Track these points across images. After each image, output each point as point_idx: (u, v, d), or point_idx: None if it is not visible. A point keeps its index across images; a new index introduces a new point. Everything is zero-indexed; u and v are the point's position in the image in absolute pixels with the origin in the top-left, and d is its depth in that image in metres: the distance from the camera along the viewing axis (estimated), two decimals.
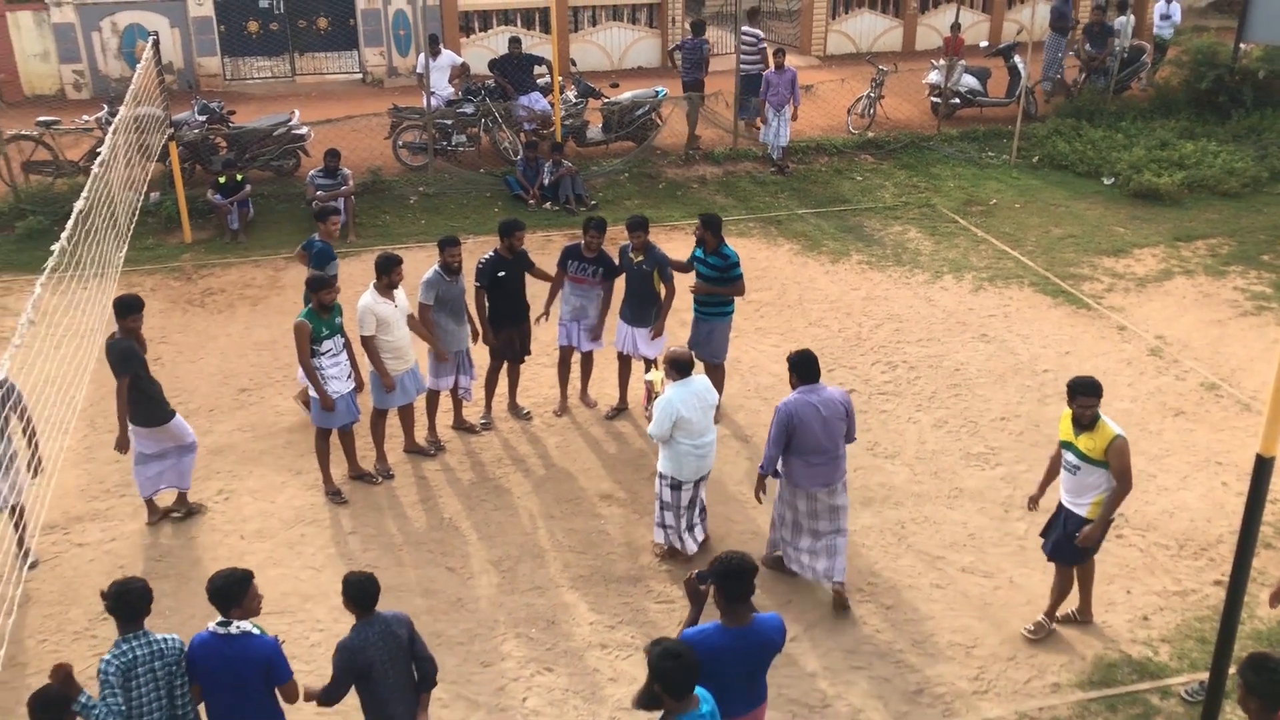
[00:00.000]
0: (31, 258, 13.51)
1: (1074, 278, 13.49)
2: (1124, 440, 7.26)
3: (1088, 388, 7.27)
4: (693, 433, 8.10)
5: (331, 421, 9.19)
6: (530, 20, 21.41)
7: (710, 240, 9.89)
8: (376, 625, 5.91)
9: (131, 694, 5.61)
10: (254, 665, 5.71)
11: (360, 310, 9.11)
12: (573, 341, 10.38)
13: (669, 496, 8.38)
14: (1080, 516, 7.49)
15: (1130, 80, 19.54)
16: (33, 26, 19.13)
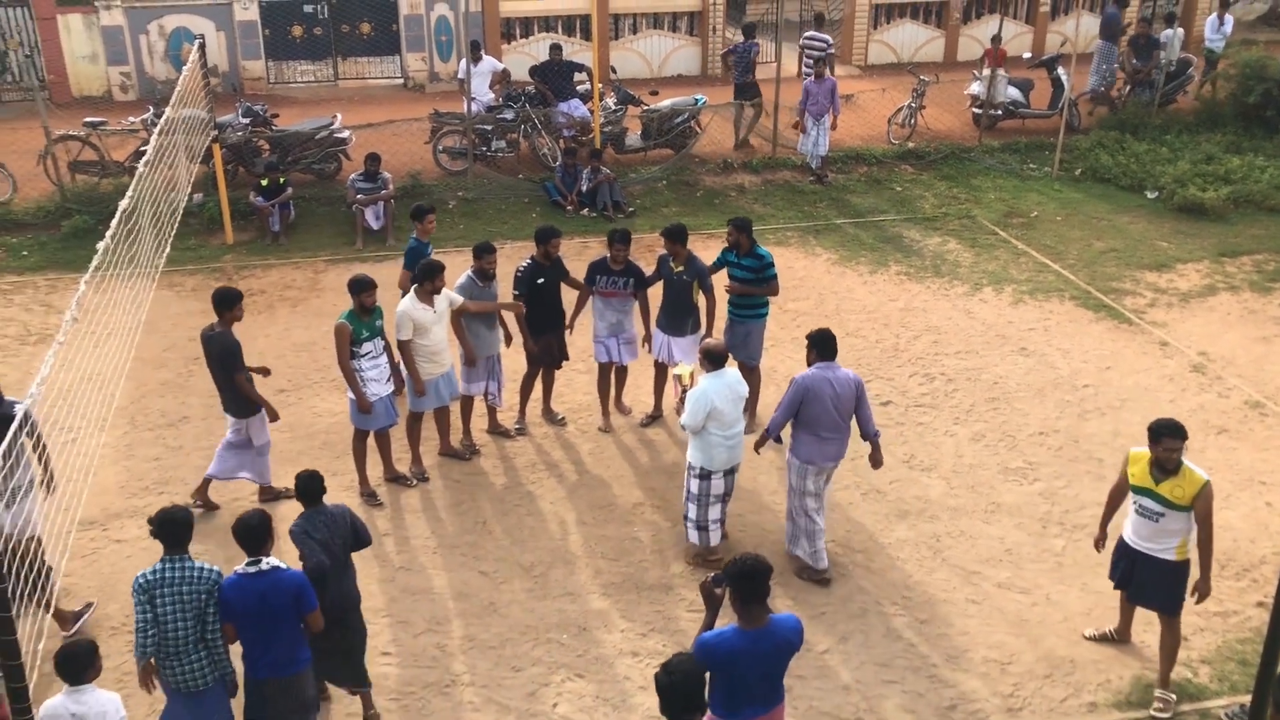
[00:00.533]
0: (77, 256, 13.71)
1: (1116, 292, 13.33)
2: (1211, 485, 7.00)
3: (1174, 430, 6.95)
4: (724, 423, 8.21)
5: (369, 424, 9.24)
6: (571, 27, 21.48)
7: (744, 243, 9.91)
8: (323, 513, 6.89)
9: (157, 611, 6.08)
10: (285, 595, 6.20)
11: (398, 314, 9.17)
12: (613, 357, 10.26)
13: (696, 487, 8.43)
14: (1169, 561, 7.14)
15: (1176, 93, 19.30)
16: (82, 29, 19.42)
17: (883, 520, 9.27)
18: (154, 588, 6.11)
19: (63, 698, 5.68)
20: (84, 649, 5.74)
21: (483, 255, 9.66)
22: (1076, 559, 8.76)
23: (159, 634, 6.09)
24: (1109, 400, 11.00)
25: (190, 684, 6.21)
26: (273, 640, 6.28)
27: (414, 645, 7.88)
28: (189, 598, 6.11)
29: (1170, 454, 6.95)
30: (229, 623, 6.22)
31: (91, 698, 5.69)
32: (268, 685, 6.38)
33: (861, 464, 9.93)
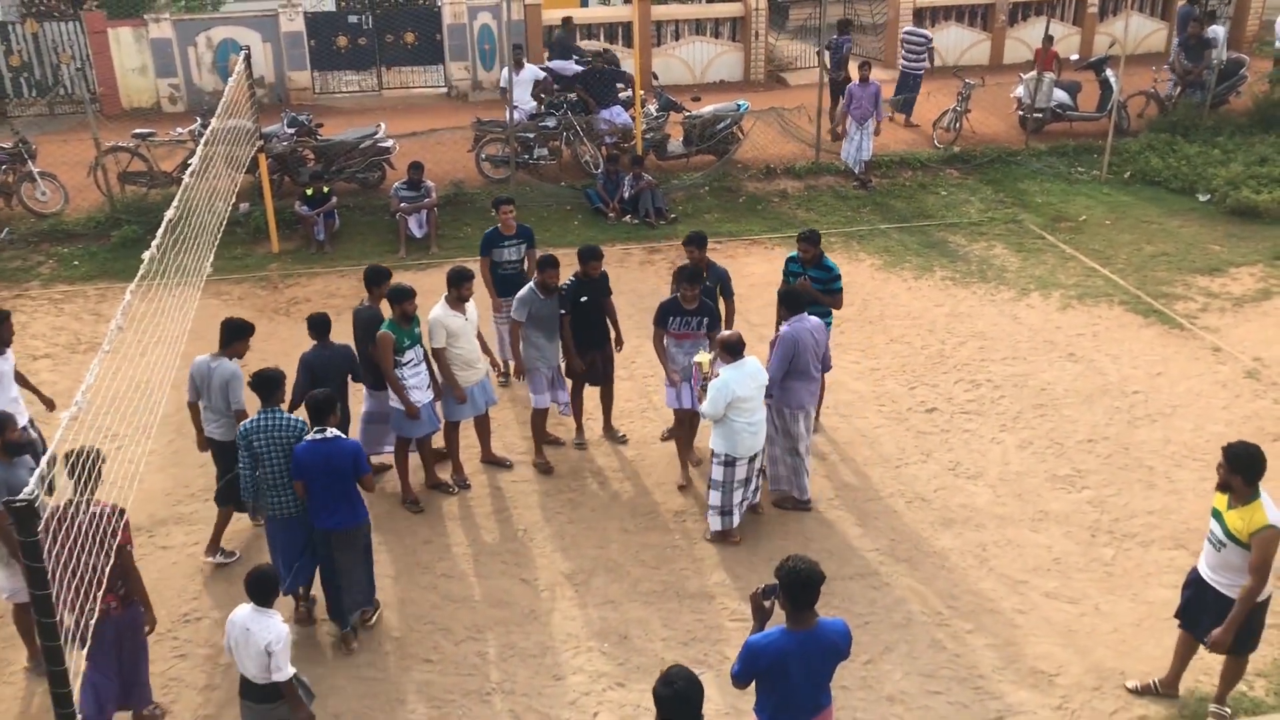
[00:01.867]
0: (126, 266, 13.90)
1: (1166, 296, 13.09)
2: (1275, 532, 6.40)
3: (1227, 449, 6.59)
4: (746, 411, 8.42)
5: (414, 430, 9.27)
6: (613, 35, 21.50)
7: (810, 252, 9.79)
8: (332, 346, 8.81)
9: (256, 452, 7.67)
10: (345, 457, 7.54)
11: (431, 322, 9.19)
12: (683, 403, 9.68)
13: (721, 474, 8.63)
14: (1232, 599, 6.69)
15: (1228, 94, 18.94)
16: (132, 42, 19.73)
17: (928, 529, 9.15)
18: (251, 434, 7.68)
19: (248, 610, 6.38)
20: (272, 574, 6.45)
21: (546, 269, 9.55)
22: (1126, 568, 8.59)
23: (260, 470, 7.66)
24: (1159, 407, 10.80)
25: (281, 511, 7.78)
26: (335, 496, 7.57)
27: (455, 653, 7.88)
28: (279, 439, 7.65)
29: (1219, 470, 6.64)
30: (300, 479, 7.55)
31: (269, 621, 6.33)
32: (333, 536, 7.66)
33: (905, 472, 9.88)
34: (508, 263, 10.86)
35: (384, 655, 7.86)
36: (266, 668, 6.28)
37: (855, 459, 10.11)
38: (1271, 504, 6.52)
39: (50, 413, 9.35)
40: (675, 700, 4.94)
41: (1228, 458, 6.58)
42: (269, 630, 6.27)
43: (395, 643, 7.98)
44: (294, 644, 6.66)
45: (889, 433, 10.50)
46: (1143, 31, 23.23)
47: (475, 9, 20.83)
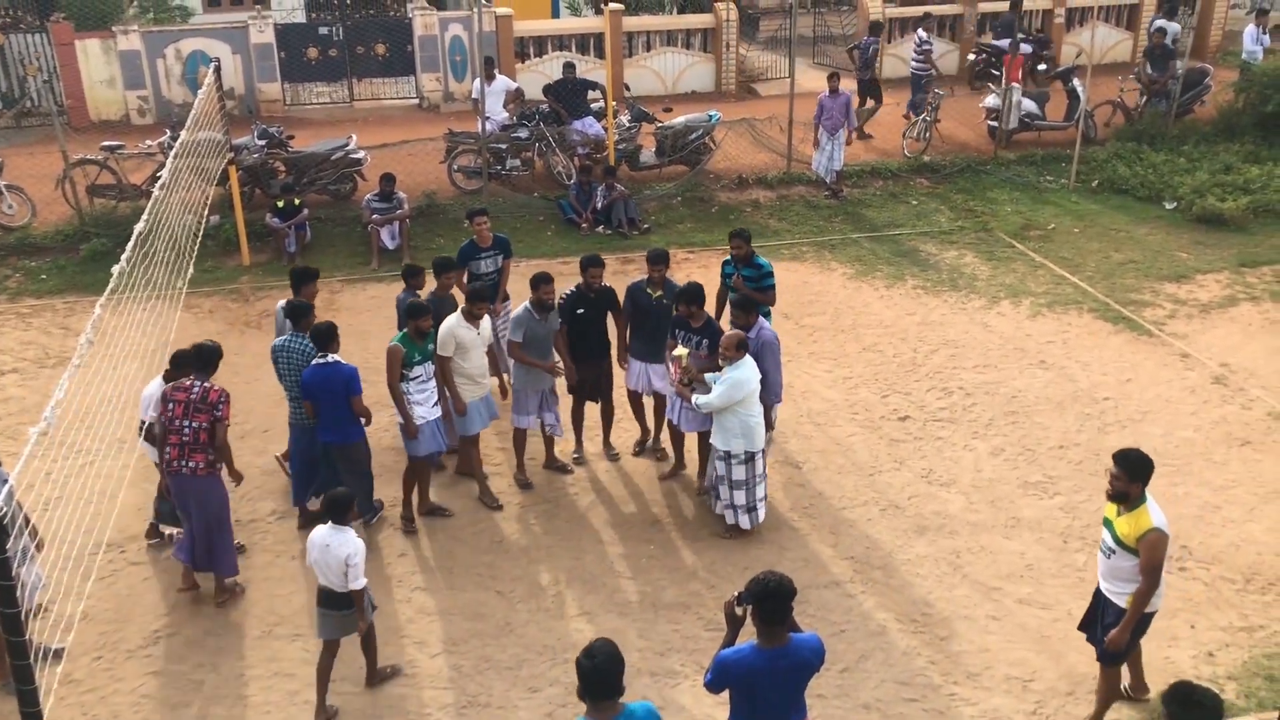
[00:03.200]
0: (95, 279, 13.78)
1: (1135, 304, 13.23)
2: (1160, 534, 6.45)
3: (1120, 458, 6.58)
4: (754, 405, 8.71)
5: (413, 450, 9.13)
6: (585, 46, 21.53)
7: (743, 249, 10.00)
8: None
9: (279, 369, 9.09)
10: (340, 380, 8.57)
11: (443, 331, 9.10)
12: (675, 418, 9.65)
13: (744, 472, 8.87)
14: (1119, 607, 6.75)
15: (1192, 103, 19.18)
16: (100, 54, 19.57)
17: (901, 536, 9.20)
18: (278, 352, 9.07)
19: (325, 529, 7.13)
20: (347, 496, 7.26)
21: (540, 285, 9.36)
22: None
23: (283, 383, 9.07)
24: (1130, 413, 10.91)
25: (297, 420, 9.06)
26: (333, 414, 8.66)
27: (430, 666, 7.85)
28: (295, 358, 8.91)
29: (1112, 481, 6.60)
30: (307, 400, 8.71)
31: (346, 536, 7.09)
32: (331, 449, 8.83)
33: (879, 480, 9.93)
34: (485, 274, 10.82)
35: (358, 669, 7.80)
36: (346, 577, 7.07)
37: (829, 467, 10.15)
38: (1157, 508, 6.58)
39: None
40: (594, 672, 5.06)
41: (1126, 467, 6.54)
42: (347, 544, 7.06)
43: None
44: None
45: (862, 441, 10.55)
46: (1108, 42, 23.50)
47: (446, 20, 20.81)
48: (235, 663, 7.89)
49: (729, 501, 9.00)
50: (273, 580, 8.74)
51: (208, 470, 8.18)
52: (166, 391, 8.19)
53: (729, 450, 8.80)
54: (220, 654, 7.98)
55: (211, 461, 8.18)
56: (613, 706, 5.13)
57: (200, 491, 8.22)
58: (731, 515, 9.06)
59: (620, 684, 5.13)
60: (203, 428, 8.05)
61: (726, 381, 8.58)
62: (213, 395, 8.11)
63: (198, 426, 8.04)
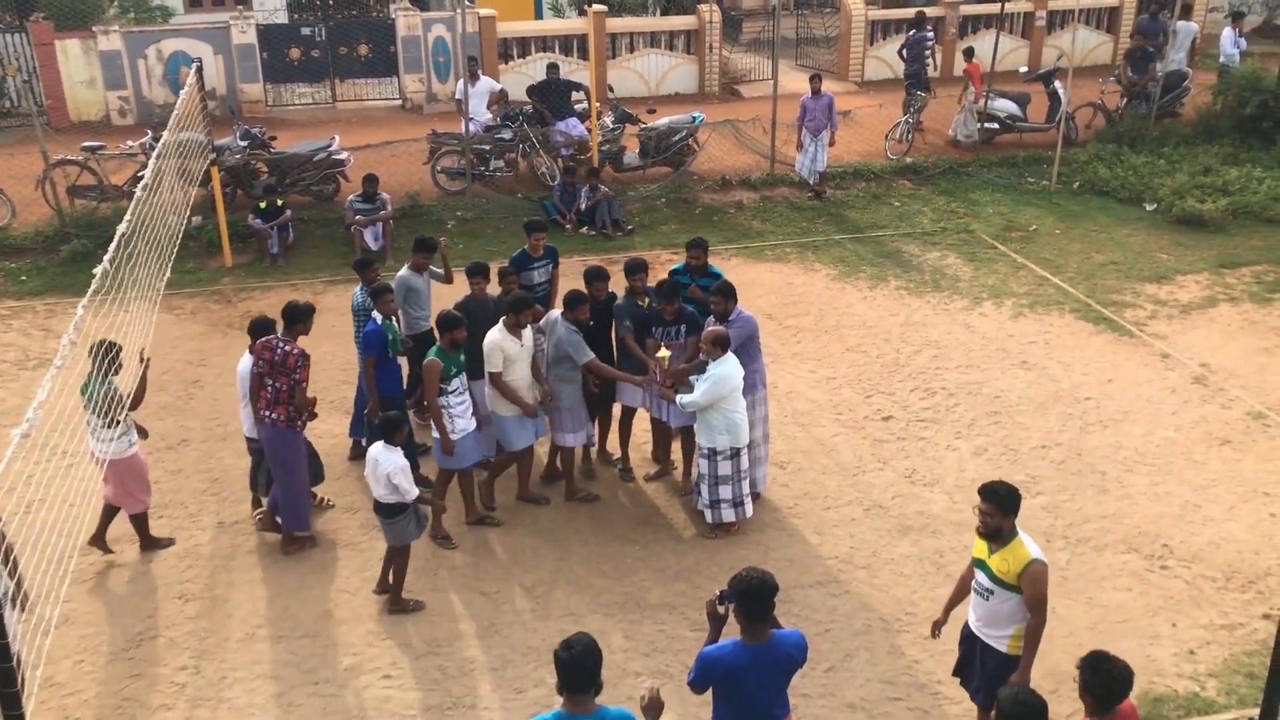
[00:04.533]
0: (76, 281, 13.71)
1: (1116, 304, 13.32)
2: (1042, 566, 6.12)
3: (987, 492, 6.20)
4: (737, 399, 8.75)
5: (454, 463, 9.02)
6: (568, 47, 21.55)
7: (700, 259, 9.80)
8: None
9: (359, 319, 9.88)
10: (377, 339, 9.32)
11: (488, 346, 8.93)
12: (660, 414, 9.65)
13: (730, 467, 8.90)
14: (1000, 653, 6.37)
15: (1172, 106, 19.32)
16: (80, 54, 19.47)
17: (885, 536, 9.23)
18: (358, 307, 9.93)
19: (379, 446, 7.95)
20: (397, 418, 8.07)
21: (575, 306, 9.14)
22: (1081, 573, 8.71)
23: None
24: (1111, 413, 10.97)
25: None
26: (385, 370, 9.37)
27: (415, 667, 7.83)
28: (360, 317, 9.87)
29: (984, 518, 6.20)
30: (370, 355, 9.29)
31: (392, 456, 7.90)
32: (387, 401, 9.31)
33: (863, 480, 9.97)
34: (537, 285, 10.52)
35: (342, 671, 7.79)
36: (390, 490, 7.88)
37: (813, 467, 10.18)
38: (1030, 539, 6.26)
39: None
40: (570, 664, 5.10)
41: (996, 501, 6.14)
42: (391, 462, 7.85)
43: (354, 658, 7.91)
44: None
45: (846, 441, 10.59)
46: (1089, 44, 23.65)
47: (430, 21, 20.79)
48: (218, 665, 7.85)
49: (711, 499, 9.00)
50: (255, 583, 8.70)
51: (287, 423, 8.71)
52: (256, 348, 8.75)
53: (714, 447, 8.81)
54: (203, 656, 7.94)
55: (291, 416, 8.70)
56: (589, 702, 5.14)
57: (278, 441, 8.77)
58: (712, 514, 9.05)
59: (597, 678, 5.15)
60: (284, 388, 8.63)
61: (709, 379, 8.60)
62: (290, 360, 8.60)
63: (279, 386, 8.63)
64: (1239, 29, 19.79)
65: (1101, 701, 5.23)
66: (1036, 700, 5.08)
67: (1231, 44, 19.65)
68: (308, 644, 8.03)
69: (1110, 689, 5.19)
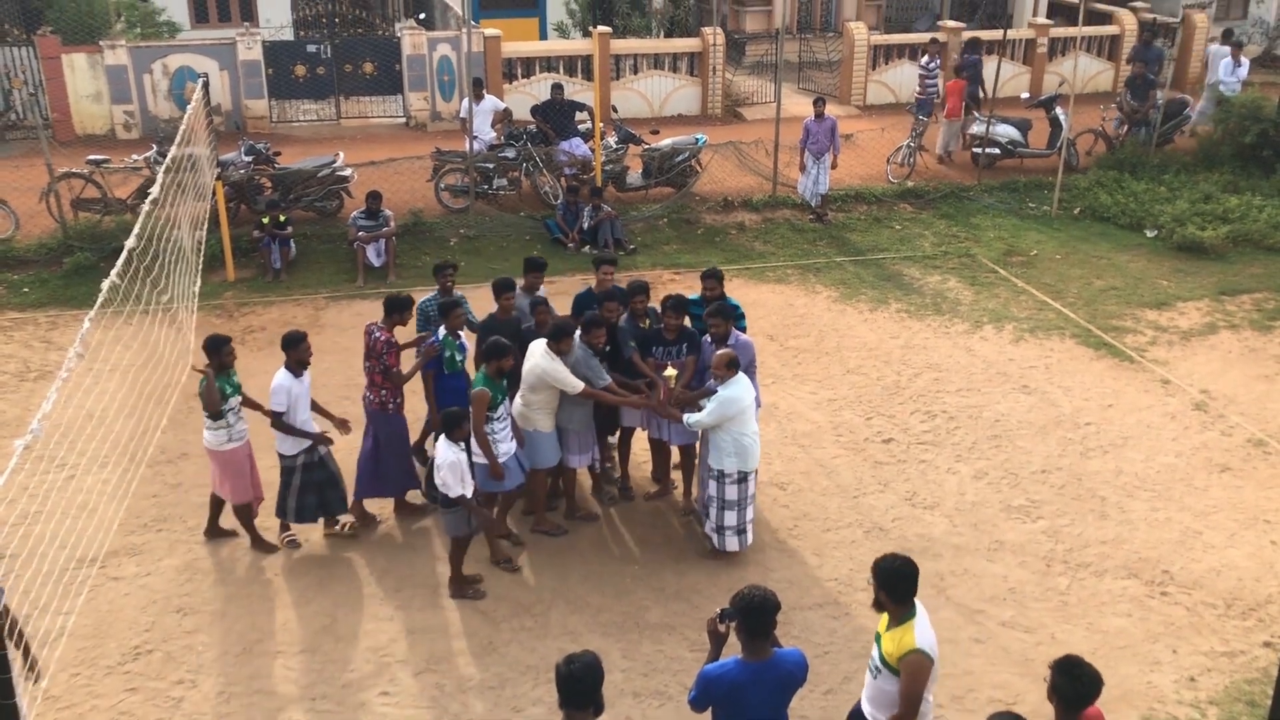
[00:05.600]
0: (78, 293, 13.72)
1: (1117, 330, 13.34)
2: (921, 658, 5.59)
3: (874, 566, 5.71)
4: (747, 422, 8.69)
5: (500, 486, 8.93)
6: (573, 68, 21.64)
7: (716, 290, 9.68)
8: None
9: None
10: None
11: (541, 372, 8.82)
12: (661, 434, 9.65)
13: (737, 492, 8.82)
14: None
15: (1173, 133, 19.42)
16: (86, 68, 19.55)
17: None
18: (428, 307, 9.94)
19: (442, 440, 8.21)
20: (458, 414, 8.20)
21: (592, 329, 9.10)
22: (1081, 598, 8.70)
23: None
24: (1111, 438, 10.98)
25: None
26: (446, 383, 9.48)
27: (412, 685, 7.80)
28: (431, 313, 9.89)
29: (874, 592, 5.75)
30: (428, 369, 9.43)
31: (443, 448, 8.17)
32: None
33: (864, 502, 9.96)
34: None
35: (340, 687, 7.76)
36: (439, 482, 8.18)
37: (813, 489, 10.17)
38: (926, 625, 5.71)
39: (344, 435, 9.55)
40: (569, 679, 5.09)
41: (876, 573, 5.71)
42: (443, 457, 8.12)
43: (352, 674, 7.88)
44: None
45: (847, 463, 10.58)
46: (1090, 71, 23.77)
47: (435, 40, 20.89)
48: (215, 680, 7.82)
49: (718, 524, 8.97)
50: (253, 597, 8.68)
51: (379, 405, 9.30)
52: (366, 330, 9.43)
53: (722, 469, 8.78)
54: (200, 671, 7.91)
55: (383, 400, 9.28)
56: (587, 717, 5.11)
57: (375, 420, 9.40)
58: (718, 538, 9.02)
59: (597, 696, 5.13)
60: (375, 369, 9.22)
61: (717, 399, 8.59)
62: (378, 346, 9.18)
63: (370, 367, 9.28)
64: (1238, 57, 19.86)
65: (1069, 705, 5.30)
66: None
67: (1228, 71, 19.73)
68: (306, 659, 8.00)
69: (1078, 692, 5.26)
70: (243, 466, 9.04)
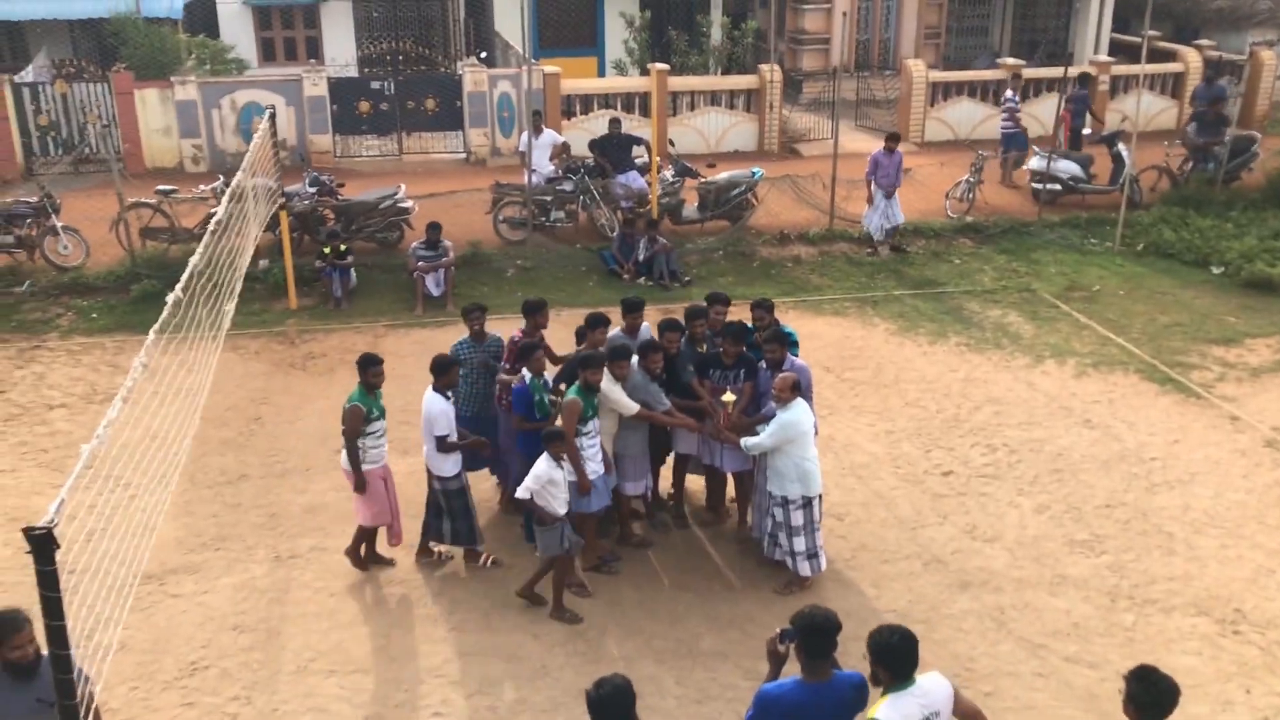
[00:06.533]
0: (145, 319, 13.91)
1: (1182, 366, 13.07)
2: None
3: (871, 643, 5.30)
4: (807, 446, 8.68)
5: (587, 505, 8.85)
6: (630, 104, 21.81)
7: (765, 319, 9.68)
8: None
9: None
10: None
11: (615, 392, 8.84)
12: (713, 460, 9.61)
13: (802, 517, 8.77)
14: None
15: (1239, 170, 19.10)
16: (157, 103, 20.08)
17: (945, 591, 9.04)
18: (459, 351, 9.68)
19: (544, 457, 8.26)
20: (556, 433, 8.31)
21: (648, 354, 9.05)
22: (1148, 634, 8.46)
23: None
24: (1178, 474, 10.72)
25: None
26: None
27: (465, 706, 7.76)
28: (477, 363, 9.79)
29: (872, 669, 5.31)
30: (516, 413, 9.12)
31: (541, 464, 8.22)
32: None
33: (922, 534, 9.81)
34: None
35: (393, 708, 7.74)
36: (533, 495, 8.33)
37: (871, 520, 10.03)
38: (898, 702, 5.22)
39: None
40: (599, 703, 5.06)
41: (869, 646, 5.34)
42: (539, 469, 8.22)
43: (405, 695, 7.86)
44: None
45: (905, 495, 10.43)
46: (1153, 109, 23.49)
47: (495, 78, 21.19)
48: (270, 697, 7.85)
49: (790, 549, 8.86)
50: (309, 616, 8.71)
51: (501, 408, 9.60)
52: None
53: (786, 495, 8.70)
54: (255, 688, 7.94)
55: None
56: None
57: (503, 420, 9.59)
58: (792, 563, 8.91)
59: (629, 716, 5.08)
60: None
61: (777, 422, 8.54)
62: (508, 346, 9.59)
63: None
64: None
65: (1146, 715, 5.12)
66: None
67: None
68: (360, 679, 8.00)
69: (1156, 700, 5.08)
70: (378, 489, 9.00)
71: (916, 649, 5.29)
